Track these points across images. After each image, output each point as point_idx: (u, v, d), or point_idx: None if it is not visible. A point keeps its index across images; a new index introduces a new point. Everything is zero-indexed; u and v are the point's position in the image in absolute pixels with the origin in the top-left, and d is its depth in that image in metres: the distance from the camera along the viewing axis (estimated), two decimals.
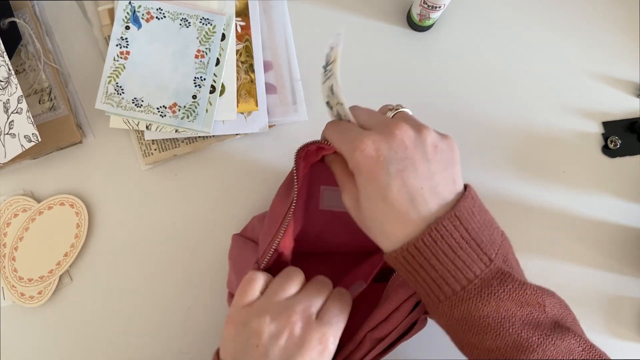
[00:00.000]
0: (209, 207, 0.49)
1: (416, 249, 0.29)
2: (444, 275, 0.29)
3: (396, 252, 0.30)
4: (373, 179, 0.30)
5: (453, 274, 0.29)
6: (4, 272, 0.46)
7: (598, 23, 0.53)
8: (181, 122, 0.47)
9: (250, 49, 0.49)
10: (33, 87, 0.48)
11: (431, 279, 0.30)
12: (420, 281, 0.30)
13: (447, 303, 0.30)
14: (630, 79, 0.52)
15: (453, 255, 0.29)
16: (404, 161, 0.30)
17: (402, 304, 0.34)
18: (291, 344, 0.31)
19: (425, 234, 0.29)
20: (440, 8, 0.47)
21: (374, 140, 0.31)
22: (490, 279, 0.29)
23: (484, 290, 0.29)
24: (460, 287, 0.29)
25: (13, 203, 0.47)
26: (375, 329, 0.34)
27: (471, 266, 0.29)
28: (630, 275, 0.49)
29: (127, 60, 0.47)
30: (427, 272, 0.29)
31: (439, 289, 0.30)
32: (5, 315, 0.47)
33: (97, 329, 0.47)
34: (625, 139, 0.51)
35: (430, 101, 0.51)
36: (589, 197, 0.50)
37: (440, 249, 0.29)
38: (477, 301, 0.29)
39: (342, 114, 0.35)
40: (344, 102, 0.34)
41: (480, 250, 0.30)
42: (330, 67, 0.34)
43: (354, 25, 0.52)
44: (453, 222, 0.29)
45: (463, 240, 0.29)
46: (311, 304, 0.33)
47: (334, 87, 0.34)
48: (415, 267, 0.30)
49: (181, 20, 0.48)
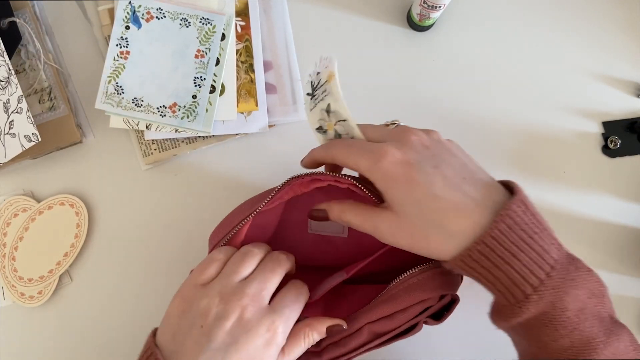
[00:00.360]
0: (209, 207, 0.49)
1: (493, 239, 0.27)
2: (528, 263, 0.27)
3: (470, 249, 0.27)
4: (413, 182, 0.28)
5: (536, 261, 0.27)
6: (4, 272, 0.46)
7: (598, 23, 0.53)
8: (181, 122, 0.47)
9: (250, 49, 0.49)
10: (33, 87, 0.48)
11: (515, 271, 0.27)
12: (501, 276, 0.27)
13: (534, 297, 0.27)
14: (630, 79, 0.52)
15: (530, 240, 0.27)
16: (434, 158, 0.29)
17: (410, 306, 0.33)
18: (238, 327, 0.30)
19: (498, 221, 0.27)
20: (440, 8, 0.47)
21: (396, 147, 0.30)
22: (566, 264, 0.27)
23: (565, 277, 0.27)
24: (545, 275, 0.27)
25: (13, 203, 0.47)
26: (377, 323, 0.33)
27: (549, 251, 0.27)
28: (630, 275, 0.49)
29: (127, 60, 0.47)
30: (509, 263, 0.27)
31: (524, 282, 0.27)
32: (5, 315, 0.47)
33: (97, 328, 0.47)
34: (625, 139, 0.51)
35: (430, 101, 0.51)
36: (589, 197, 0.50)
37: (517, 235, 0.27)
38: (560, 290, 0.27)
39: (343, 132, 0.34)
40: (349, 117, 0.32)
41: (549, 234, 0.28)
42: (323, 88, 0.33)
43: (354, 25, 0.52)
44: (520, 207, 0.27)
45: (533, 225, 0.27)
46: (264, 286, 0.32)
47: (331, 107, 0.33)
48: (494, 261, 0.27)
49: (181, 20, 0.48)
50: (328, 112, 0.33)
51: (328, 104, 0.33)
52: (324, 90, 0.33)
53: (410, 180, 0.28)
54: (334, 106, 0.32)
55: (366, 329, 0.34)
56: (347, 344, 0.34)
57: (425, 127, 0.52)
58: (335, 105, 0.32)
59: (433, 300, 0.33)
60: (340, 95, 0.32)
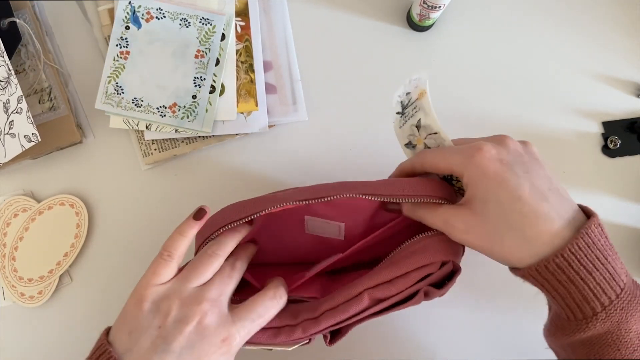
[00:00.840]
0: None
1: (572, 254, 0.27)
2: (601, 282, 0.27)
3: (547, 261, 0.28)
4: (503, 181, 0.29)
5: (608, 281, 0.27)
6: (4, 272, 0.46)
7: (598, 23, 0.53)
8: (181, 122, 0.47)
9: (250, 49, 0.49)
10: (33, 87, 0.48)
11: (588, 288, 0.27)
12: (574, 291, 0.28)
13: (602, 315, 0.27)
14: (630, 79, 0.52)
15: (605, 261, 0.27)
16: (526, 164, 0.30)
17: (411, 271, 0.33)
18: (196, 333, 0.30)
19: (578, 237, 0.27)
20: (440, 8, 0.47)
21: (493, 145, 0.30)
22: (633, 289, 0.28)
23: (632, 300, 0.28)
24: (615, 296, 0.27)
25: (13, 203, 0.47)
26: (377, 288, 0.33)
27: (620, 274, 0.28)
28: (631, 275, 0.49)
29: (127, 60, 0.47)
30: (584, 279, 0.27)
31: (595, 299, 0.27)
32: (5, 315, 0.47)
33: (97, 329, 0.47)
34: (625, 139, 0.51)
35: (430, 101, 0.51)
36: (589, 197, 0.50)
37: (593, 253, 0.27)
38: (627, 312, 0.27)
39: (433, 145, 0.35)
40: (440, 129, 0.34)
41: (619, 259, 0.29)
42: (414, 105, 0.35)
43: (354, 25, 0.52)
44: (597, 229, 0.28)
45: (607, 247, 0.28)
46: (223, 291, 0.32)
47: (422, 121, 0.35)
48: (569, 275, 0.27)
49: (181, 20, 0.48)
50: (418, 127, 0.35)
51: (419, 119, 0.35)
52: (414, 107, 0.35)
53: (500, 179, 0.29)
54: (425, 120, 0.34)
55: (366, 294, 0.33)
56: (346, 309, 0.33)
57: None
58: (426, 119, 0.34)
59: (434, 267, 0.33)
60: (432, 109, 0.34)
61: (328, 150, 0.50)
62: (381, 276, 0.33)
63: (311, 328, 0.34)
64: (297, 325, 0.34)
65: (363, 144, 0.50)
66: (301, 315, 0.34)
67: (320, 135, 0.50)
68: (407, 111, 0.36)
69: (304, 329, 0.34)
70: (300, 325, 0.34)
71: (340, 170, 0.49)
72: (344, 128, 0.50)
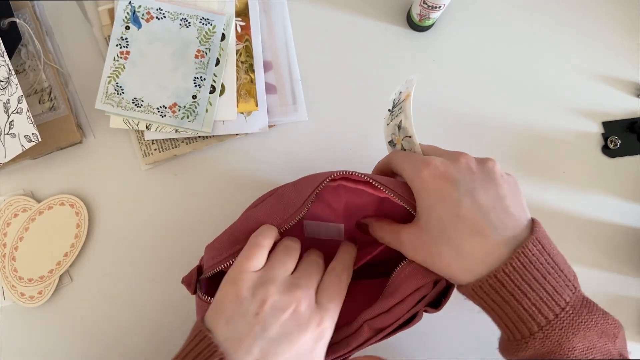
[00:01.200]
0: (208, 207, 0.49)
1: (506, 275, 0.27)
2: (537, 303, 0.27)
3: (481, 281, 0.28)
4: (443, 196, 0.29)
5: (546, 301, 0.27)
6: (4, 272, 0.46)
7: (598, 23, 0.53)
8: (181, 122, 0.47)
9: (250, 49, 0.49)
10: (33, 87, 0.48)
11: (523, 309, 0.27)
12: (509, 312, 0.28)
13: (539, 335, 0.27)
14: (630, 79, 0.52)
15: (543, 280, 0.27)
16: (473, 182, 0.30)
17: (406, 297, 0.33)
18: (292, 321, 0.30)
19: (513, 258, 0.27)
20: (440, 8, 0.47)
21: (441, 162, 0.31)
22: (579, 307, 0.28)
23: (575, 319, 0.27)
24: (554, 316, 0.27)
25: (13, 203, 0.47)
26: (376, 319, 0.33)
27: (561, 293, 0.27)
28: (630, 275, 0.49)
29: (127, 60, 0.47)
30: (518, 300, 0.27)
31: (531, 320, 0.27)
32: (5, 315, 0.47)
33: (97, 329, 0.47)
34: (625, 139, 0.51)
35: (430, 101, 0.51)
36: (589, 197, 0.50)
37: (530, 274, 0.27)
38: (568, 331, 0.27)
39: (407, 148, 0.36)
40: (414, 134, 0.35)
41: (565, 277, 0.28)
42: (400, 105, 0.36)
43: (354, 25, 0.52)
44: (537, 247, 0.28)
45: (549, 266, 0.28)
46: (311, 283, 0.32)
47: (402, 123, 0.36)
48: (504, 296, 0.27)
49: (181, 20, 0.48)
50: (399, 127, 0.36)
51: (400, 120, 0.35)
52: (400, 107, 0.36)
53: (441, 195, 0.29)
54: (404, 123, 0.35)
55: (366, 326, 0.34)
56: (349, 343, 0.34)
57: (423, 126, 0.52)
58: (405, 122, 0.35)
59: (427, 288, 0.33)
60: (411, 113, 0.34)
61: (328, 150, 0.50)
62: (378, 307, 0.33)
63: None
64: None
65: (363, 144, 0.50)
66: None
67: (320, 135, 0.50)
68: (395, 110, 0.37)
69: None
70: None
71: (340, 170, 0.49)
72: (344, 128, 0.50)
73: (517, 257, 0.27)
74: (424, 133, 0.50)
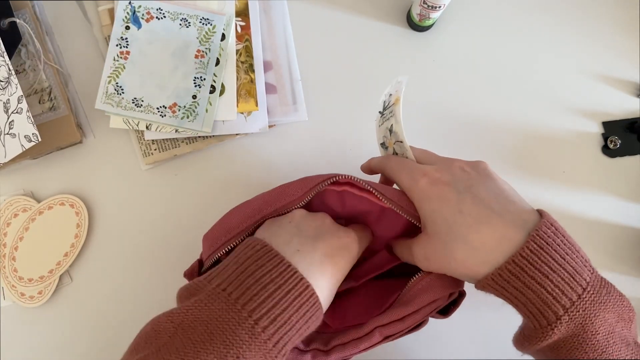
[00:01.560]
0: (209, 207, 0.49)
1: (524, 259, 0.27)
2: (560, 284, 0.26)
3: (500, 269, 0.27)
4: (443, 199, 0.30)
5: (568, 282, 0.26)
6: (4, 272, 0.46)
7: (598, 23, 0.53)
8: (181, 122, 0.47)
9: (250, 49, 0.49)
10: (33, 87, 0.48)
11: (546, 292, 0.27)
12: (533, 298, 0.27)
13: (565, 318, 0.26)
14: (630, 79, 0.52)
15: (562, 261, 0.27)
16: (469, 180, 0.31)
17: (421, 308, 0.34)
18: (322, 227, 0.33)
19: (529, 241, 0.27)
20: (440, 8, 0.47)
21: (436, 169, 0.32)
22: (598, 288, 0.27)
23: (596, 300, 0.27)
24: (577, 296, 0.26)
25: (13, 203, 0.47)
26: (389, 326, 0.34)
27: (581, 273, 0.27)
28: (631, 275, 0.49)
29: (127, 60, 0.47)
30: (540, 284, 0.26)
31: (556, 303, 0.27)
32: (5, 315, 0.47)
33: (97, 329, 0.47)
34: (625, 139, 0.51)
35: (430, 101, 0.51)
36: (589, 197, 0.50)
37: (549, 255, 0.27)
38: (591, 313, 0.26)
39: (399, 152, 0.37)
40: (404, 139, 0.35)
41: (582, 257, 0.28)
42: (390, 109, 0.36)
43: (354, 25, 0.52)
44: (550, 229, 0.28)
45: (565, 247, 0.27)
46: (337, 229, 0.34)
47: (393, 127, 0.36)
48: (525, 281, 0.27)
49: (181, 20, 0.48)
50: (390, 131, 0.36)
51: (391, 124, 0.36)
52: (391, 111, 0.36)
53: (441, 198, 0.30)
54: (395, 127, 0.35)
55: (377, 331, 0.34)
56: (357, 345, 0.34)
57: (423, 126, 0.52)
58: (396, 126, 0.35)
59: (443, 300, 0.34)
60: (400, 118, 0.35)
61: (328, 150, 0.50)
62: (392, 315, 0.34)
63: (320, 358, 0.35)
64: (307, 352, 0.34)
65: (363, 144, 0.50)
66: (313, 343, 0.35)
67: (320, 135, 0.50)
68: (386, 113, 0.37)
69: (313, 356, 0.34)
70: (310, 352, 0.35)
71: (340, 170, 0.49)
72: (343, 128, 0.50)
73: (532, 240, 0.27)
74: (424, 133, 0.50)
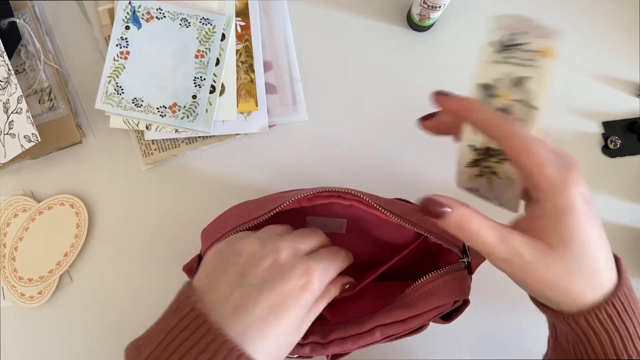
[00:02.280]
0: (209, 207, 0.49)
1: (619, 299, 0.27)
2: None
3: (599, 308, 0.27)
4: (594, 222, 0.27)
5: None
6: (4, 272, 0.46)
7: (598, 23, 0.53)
8: (181, 122, 0.47)
9: (250, 49, 0.49)
10: (33, 87, 0.48)
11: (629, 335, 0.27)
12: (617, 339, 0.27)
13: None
14: (630, 79, 0.52)
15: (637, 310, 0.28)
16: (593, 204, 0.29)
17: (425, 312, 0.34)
18: (273, 268, 0.29)
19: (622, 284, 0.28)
20: (440, 8, 0.47)
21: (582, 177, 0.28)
22: None
23: None
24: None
25: (13, 203, 0.47)
26: (390, 326, 0.34)
27: None
28: (631, 275, 0.49)
29: (127, 60, 0.47)
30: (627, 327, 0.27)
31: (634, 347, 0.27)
32: (5, 315, 0.47)
33: (97, 329, 0.47)
34: (625, 139, 0.51)
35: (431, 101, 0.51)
36: None
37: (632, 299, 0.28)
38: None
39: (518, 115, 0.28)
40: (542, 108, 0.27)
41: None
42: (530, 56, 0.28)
43: (354, 25, 0.52)
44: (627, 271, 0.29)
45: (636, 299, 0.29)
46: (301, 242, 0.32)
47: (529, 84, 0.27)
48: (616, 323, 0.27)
49: (181, 20, 0.48)
50: (518, 83, 0.28)
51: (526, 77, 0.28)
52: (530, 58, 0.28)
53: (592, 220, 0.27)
54: (533, 85, 0.27)
55: (378, 330, 0.34)
56: (356, 341, 0.34)
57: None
58: (536, 84, 0.27)
59: (448, 306, 0.34)
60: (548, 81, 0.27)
61: (328, 150, 0.50)
62: (395, 315, 0.34)
63: (318, 351, 0.34)
64: (305, 344, 0.34)
65: (363, 144, 0.50)
66: (311, 336, 0.35)
67: (320, 135, 0.50)
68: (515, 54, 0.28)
69: (311, 349, 0.34)
70: (309, 345, 0.34)
71: (340, 170, 0.49)
72: (344, 128, 0.50)
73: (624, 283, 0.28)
74: (424, 133, 0.50)
